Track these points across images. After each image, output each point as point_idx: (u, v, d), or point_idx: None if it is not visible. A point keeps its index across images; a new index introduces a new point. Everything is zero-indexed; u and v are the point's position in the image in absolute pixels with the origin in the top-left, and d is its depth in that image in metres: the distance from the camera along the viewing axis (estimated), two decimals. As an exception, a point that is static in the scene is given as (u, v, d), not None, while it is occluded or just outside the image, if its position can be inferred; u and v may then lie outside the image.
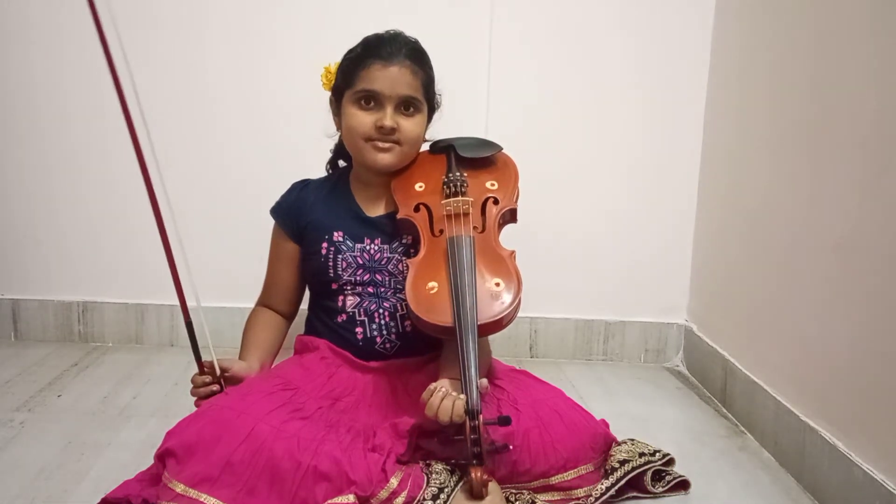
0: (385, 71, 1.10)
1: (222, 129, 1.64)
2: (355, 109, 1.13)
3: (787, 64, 1.26)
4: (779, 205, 1.27)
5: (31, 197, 1.67)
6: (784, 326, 1.23)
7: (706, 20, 1.61)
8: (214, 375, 1.05)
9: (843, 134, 1.06)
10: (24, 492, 1.01)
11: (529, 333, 1.72)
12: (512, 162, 1.22)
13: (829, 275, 1.08)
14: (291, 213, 1.21)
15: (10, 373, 1.48)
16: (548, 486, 0.98)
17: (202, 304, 1.00)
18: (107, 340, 1.71)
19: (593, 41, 1.62)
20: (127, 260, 1.68)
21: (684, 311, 1.72)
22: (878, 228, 0.97)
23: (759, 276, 1.34)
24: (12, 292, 1.70)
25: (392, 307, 1.15)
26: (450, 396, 0.92)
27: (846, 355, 1.03)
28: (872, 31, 1.01)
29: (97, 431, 1.21)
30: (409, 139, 1.15)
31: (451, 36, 1.60)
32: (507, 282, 1.02)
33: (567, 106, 1.65)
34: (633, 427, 1.21)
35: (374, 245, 1.17)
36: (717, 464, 1.18)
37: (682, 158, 1.66)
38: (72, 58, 1.61)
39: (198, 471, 0.87)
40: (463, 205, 1.10)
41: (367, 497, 0.88)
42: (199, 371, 1.05)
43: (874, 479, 0.93)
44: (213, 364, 1.04)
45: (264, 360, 1.16)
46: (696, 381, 1.61)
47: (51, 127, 1.64)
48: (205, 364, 1.04)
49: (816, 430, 1.08)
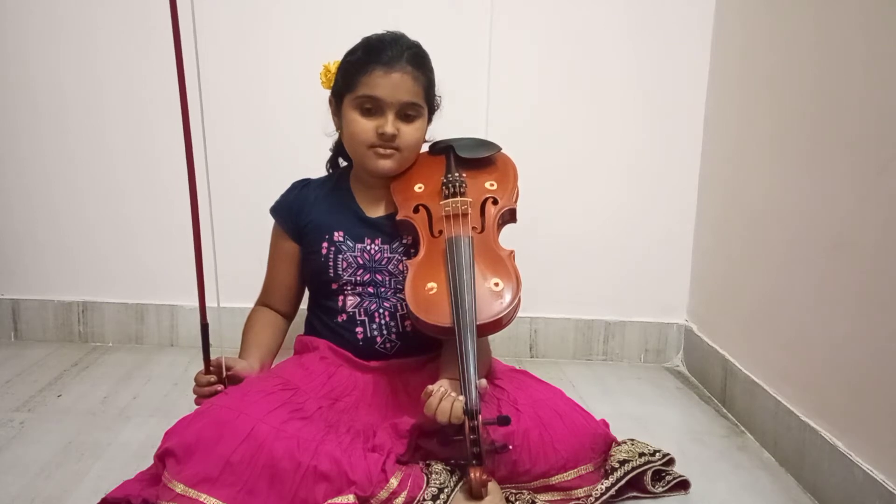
0: (387, 78, 1.10)
1: (222, 129, 1.64)
2: (357, 115, 1.13)
3: (787, 64, 1.26)
4: (779, 205, 1.27)
5: (31, 197, 1.67)
6: (784, 326, 1.23)
7: (706, 20, 1.61)
8: (220, 374, 1.05)
9: (842, 134, 1.06)
10: (24, 492, 1.01)
11: (529, 333, 1.72)
12: (511, 162, 1.22)
13: (829, 274, 1.08)
14: (291, 213, 1.21)
15: (10, 373, 1.48)
16: (548, 486, 0.98)
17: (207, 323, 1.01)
18: (107, 340, 1.71)
19: (593, 41, 1.62)
20: (127, 260, 1.68)
21: (684, 311, 1.72)
22: (877, 228, 0.97)
23: (759, 276, 1.34)
24: (12, 292, 1.71)
25: (392, 307, 1.15)
26: (448, 397, 0.92)
27: (846, 355, 1.03)
28: (872, 30, 1.01)
29: (97, 431, 1.21)
30: (409, 145, 1.15)
31: (451, 36, 1.60)
32: (507, 282, 1.02)
33: (567, 106, 1.65)
34: (633, 427, 1.21)
35: (375, 245, 1.17)
36: (717, 464, 1.18)
37: (682, 158, 1.66)
38: (72, 57, 1.61)
39: (198, 471, 0.87)
40: (462, 205, 1.11)
41: (366, 497, 0.88)
42: (205, 370, 1.05)
43: (874, 479, 0.93)
44: (220, 363, 1.04)
45: (264, 359, 1.16)
46: (696, 381, 1.61)
47: (50, 127, 1.64)
48: (212, 367, 1.04)
49: (816, 430, 1.08)
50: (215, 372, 1.05)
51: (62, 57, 1.61)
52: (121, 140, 1.63)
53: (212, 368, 1.05)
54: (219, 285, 1.01)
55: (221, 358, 1.04)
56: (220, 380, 1.05)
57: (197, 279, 0.99)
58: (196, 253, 0.98)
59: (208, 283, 1.00)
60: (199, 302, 1.00)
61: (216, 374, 1.05)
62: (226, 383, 1.05)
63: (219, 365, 1.04)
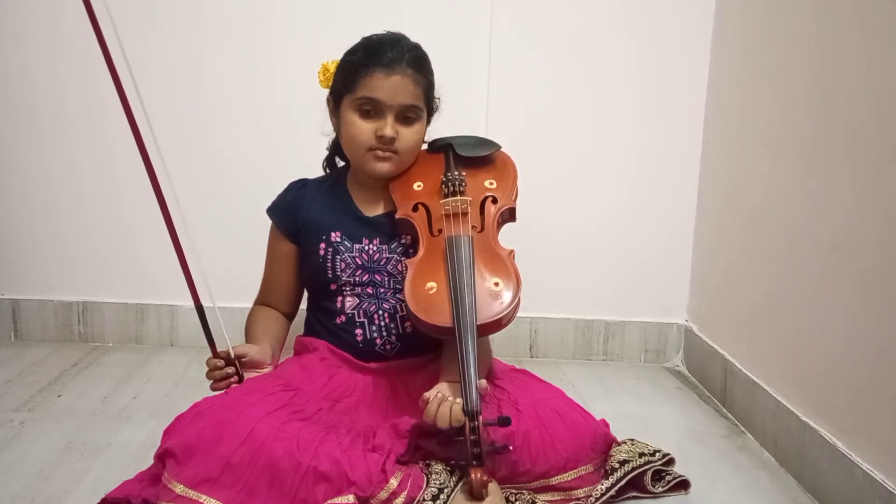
0: (387, 80, 1.09)
1: (221, 129, 1.64)
2: (356, 118, 1.12)
3: (787, 64, 1.26)
4: (779, 205, 1.27)
5: (31, 197, 1.67)
6: (784, 326, 1.23)
7: (706, 20, 1.61)
8: (230, 362, 1.04)
9: (842, 134, 1.06)
10: (24, 492, 1.01)
11: (529, 333, 1.72)
12: (511, 160, 1.22)
13: (829, 274, 1.08)
14: (289, 213, 1.21)
15: (10, 373, 1.48)
16: (548, 486, 0.98)
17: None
18: (107, 340, 1.71)
19: (593, 41, 1.62)
20: (127, 260, 1.68)
21: (684, 311, 1.72)
22: (877, 228, 0.97)
23: (759, 276, 1.34)
24: (12, 292, 1.71)
25: (392, 308, 1.15)
26: (446, 402, 0.92)
27: (846, 355, 1.03)
28: (872, 30, 1.00)
29: (97, 431, 1.21)
30: (408, 148, 1.15)
31: (451, 36, 1.60)
32: (507, 281, 1.01)
33: (567, 106, 1.65)
34: (633, 427, 1.21)
35: (373, 245, 1.17)
36: (717, 464, 1.18)
37: (682, 158, 1.66)
38: (72, 58, 1.61)
39: (197, 471, 0.87)
40: (461, 204, 1.10)
41: (366, 497, 0.88)
42: (213, 354, 1.03)
43: (874, 479, 0.93)
44: (228, 353, 1.03)
45: (275, 348, 1.15)
46: (696, 381, 1.61)
47: (51, 127, 1.64)
48: (220, 354, 1.03)
49: (816, 430, 1.08)
50: (227, 363, 1.03)
51: (62, 57, 1.61)
52: (121, 140, 1.62)
53: (221, 359, 1.03)
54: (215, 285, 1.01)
55: (229, 349, 1.03)
56: (237, 372, 1.03)
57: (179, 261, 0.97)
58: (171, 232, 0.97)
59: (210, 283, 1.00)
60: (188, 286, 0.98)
61: (229, 365, 1.03)
62: (240, 373, 1.04)
63: (228, 355, 1.03)
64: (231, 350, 1.04)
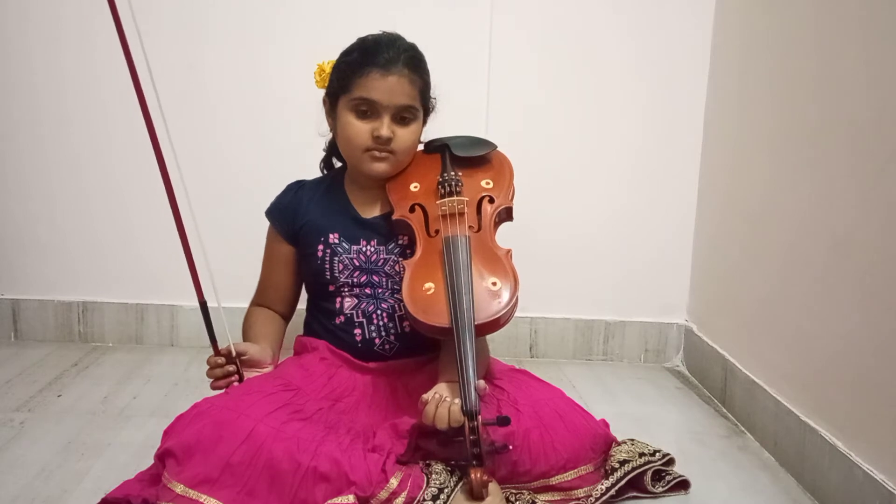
0: (383, 81, 1.09)
1: (221, 128, 1.64)
2: (352, 118, 1.12)
3: (787, 64, 1.26)
4: (779, 205, 1.27)
5: (31, 197, 1.67)
6: (784, 326, 1.23)
7: (706, 19, 1.61)
8: (231, 360, 1.04)
9: (842, 133, 1.06)
10: (24, 492, 1.01)
11: (529, 333, 1.72)
12: (507, 160, 1.22)
13: (829, 274, 1.08)
14: (287, 215, 1.21)
15: (10, 373, 1.48)
16: (548, 486, 0.98)
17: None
18: (107, 340, 1.71)
19: (593, 41, 1.62)
20: (127, 260, 1.69)
21: (684, 311, 1.72)
22: (877, 228, 0.97)
23: (759, 276, 1.34)
24: (12, 292, 1.71)
25: (390, 308, 1.15)
26: (444, 403, 0.92)
27: (846, 355, 1.03)
28: (872, 30, 1.00)
29: (97, 431, 1.21)
30: (405, 148, 1.15)
31: (452, 36, 1.60)
32: (504, 281, 1.01)
33: (567, 106, 1.65)
34: (633, 427, 1.21)
35: (371, 246, 1.17)
36: (717, 464, 1.18)
37: (682, 158, 1.66)
38: (72, 58, 1.61)
39: (198, 472, 0.87)
40: (458, 204, 1.10)
41: (366, 497, 0.88)
42: (215, 352, 1.03)
43: (874, 479, 0.93)
44: (229, 350, 1.03)
45: (274, 348, 1.16)
46: (696, 381, 1.61)
47: (51, 127, 1.64)
48: (221, 351, 1.04)
49: (816, 430, 1.08)
50: (228, 361, 1.03)
51: (62, 57, 1.61)
52: (121, 140, 1.63)
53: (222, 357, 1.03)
54: (216, 285, 1.01)
55: (231, 346, 1.03)
56: (237, 370, 1.03)
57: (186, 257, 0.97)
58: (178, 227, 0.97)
59: (208, 282, 1.00)
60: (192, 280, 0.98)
61: (229, 364, 1.03)
62: (241, 372, 1.04)
63: (229, 353, 1.03)
64: (232, 347, 1.04)
